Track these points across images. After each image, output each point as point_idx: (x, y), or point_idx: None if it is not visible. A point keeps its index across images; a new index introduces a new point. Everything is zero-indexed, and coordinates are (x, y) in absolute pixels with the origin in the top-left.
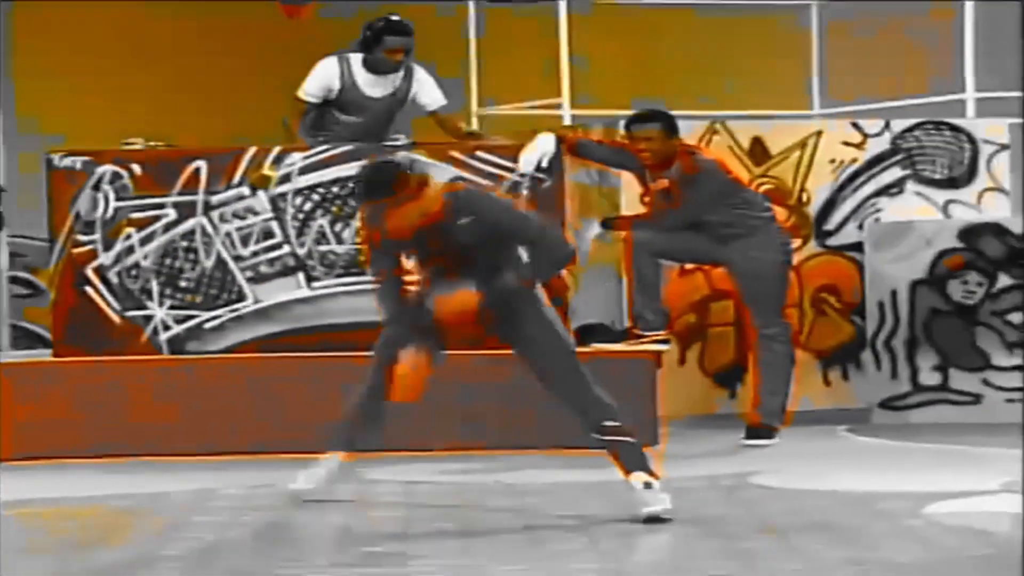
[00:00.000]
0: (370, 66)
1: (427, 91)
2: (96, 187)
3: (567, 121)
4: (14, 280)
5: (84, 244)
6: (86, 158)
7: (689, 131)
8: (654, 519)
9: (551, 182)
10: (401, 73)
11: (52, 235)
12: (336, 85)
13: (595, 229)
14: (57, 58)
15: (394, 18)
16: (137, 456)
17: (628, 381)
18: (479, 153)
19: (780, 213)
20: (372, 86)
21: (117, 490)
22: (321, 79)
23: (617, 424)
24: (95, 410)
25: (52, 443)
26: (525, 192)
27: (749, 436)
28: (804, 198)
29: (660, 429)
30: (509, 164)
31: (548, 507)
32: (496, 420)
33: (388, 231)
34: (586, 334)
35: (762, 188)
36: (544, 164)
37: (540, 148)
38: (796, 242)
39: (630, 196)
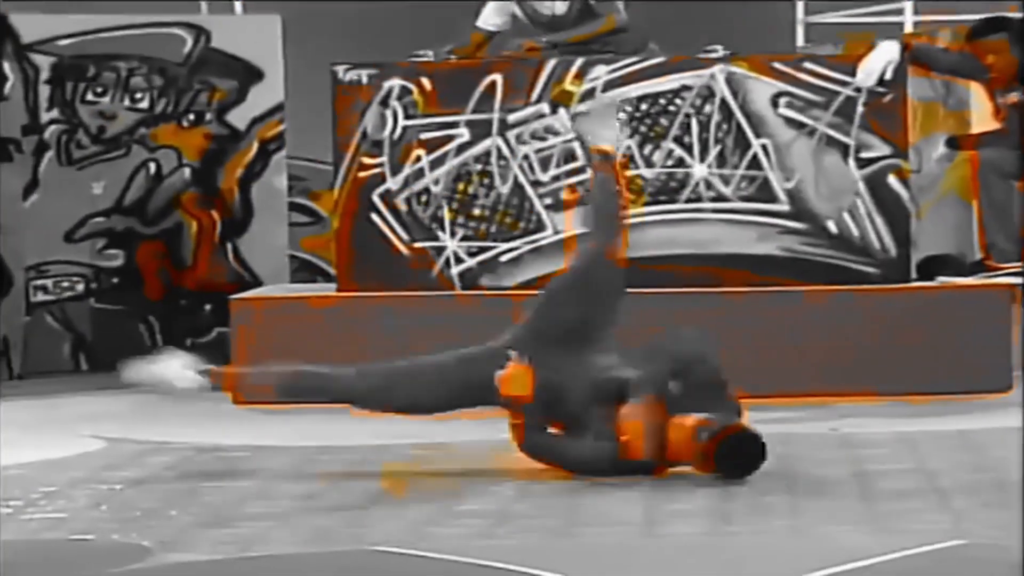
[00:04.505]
0: None
1: None
2: (384, 103)
3: (909, 28)
4: (292, 206)
5: (370, 167)
6: (372, 71)
7: None
8: None
9: (892, 96)
10: None
11: (336, 157)
12: (517, 10)
13: (939, 149)
14: None
15: None
16: None
17: (979, 318)
18: (808, 64)
19: None
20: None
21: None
22: (497, 9)
23: None
24: (383, 352)
25: None
26: (862, 108)
27: None
28: None
29: (1015, 372)
30: (843, 77)
31: (890, 461)
32: (831, 364)
33: None
34: (932, 266)
35: None
36: (887, 76)
37: (882, 57)
38: None
39: (980, 111)
